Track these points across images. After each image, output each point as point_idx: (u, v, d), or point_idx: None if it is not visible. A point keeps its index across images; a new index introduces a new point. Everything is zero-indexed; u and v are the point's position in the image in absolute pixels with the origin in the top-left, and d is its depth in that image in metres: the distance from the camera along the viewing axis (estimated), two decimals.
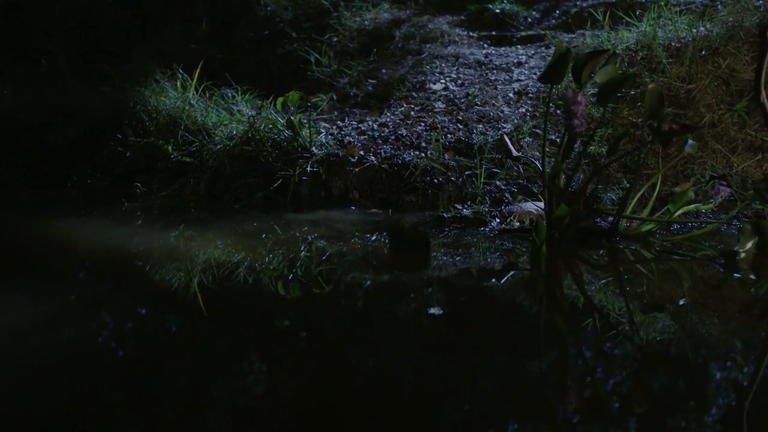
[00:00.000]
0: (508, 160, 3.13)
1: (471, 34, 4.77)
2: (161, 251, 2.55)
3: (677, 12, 3.81)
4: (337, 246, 2.57)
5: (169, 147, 3.56)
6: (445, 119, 3.58)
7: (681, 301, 2.04)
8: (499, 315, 1.99)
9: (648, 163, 3.05)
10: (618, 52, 3.57)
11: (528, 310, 2.05)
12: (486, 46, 4.60)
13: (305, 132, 3.41)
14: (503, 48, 4.52)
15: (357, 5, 5.08)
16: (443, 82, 4.02)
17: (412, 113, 3.72)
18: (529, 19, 4.91)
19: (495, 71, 4.09)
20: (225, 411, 1.39)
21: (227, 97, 3.95)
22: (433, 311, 1.91)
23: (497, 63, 4.20)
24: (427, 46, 4.56)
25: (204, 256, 2.46)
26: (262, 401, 1.44)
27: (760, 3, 3.67)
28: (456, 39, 4.65)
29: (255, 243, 2.63)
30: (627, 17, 3.95)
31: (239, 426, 1.34)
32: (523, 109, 3.59)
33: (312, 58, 4.62)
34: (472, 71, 4.14)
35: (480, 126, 3.46)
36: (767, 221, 2.37)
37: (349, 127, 3.66)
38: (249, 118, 3.56)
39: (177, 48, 5.09)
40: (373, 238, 2.66)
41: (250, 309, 2.00)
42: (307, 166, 3.29)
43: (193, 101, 3.78)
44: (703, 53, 3.47)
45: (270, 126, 3.48)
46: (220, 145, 3.49)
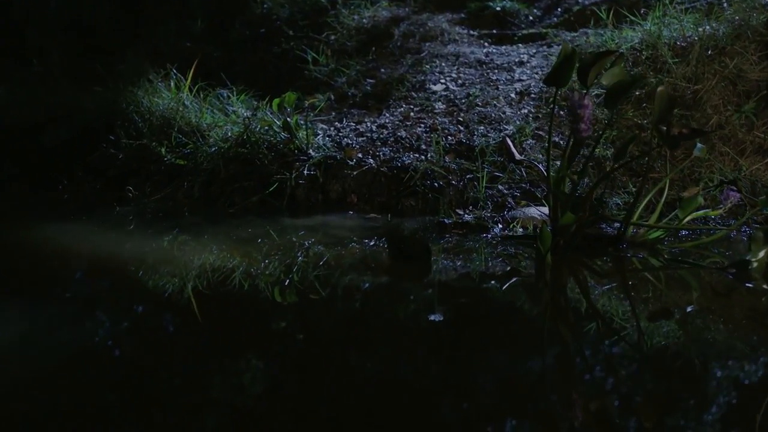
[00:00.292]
0: (510, 163, 3.04)
1: (471, 32, 4.68)
2: (154, 259, 2.46)
3: (682, 10, 3.72)
4: (335, 252, 2.49)
5: (163, 149, 3.47)
6: (446, 120, 3.50)
7: (692, 314, 1.96)
8: (506, 329, 1.91)
9: (654, 167, 2.97)
10: (622, 51, 3.49)
11: (536, 323, 1.96)
12: (487, 44, 4.51)
13: (302, 134, 3.33)
14: (504, 46, 4.43)
15: (355, 3, 4.99)
16: (443, 81, 3.93)
17: (411, 114, 3.63)
18: (531, 17, 4.83)
19: (496, 71, 4.00)
20: (221, 423, 1.34)
21: (222, 98, 3.86)
22: (434, 318, 1.84)
23: (498, 62, 4.11)
24: (427, 44, 4.47)
25: (198, 263, 2.38)
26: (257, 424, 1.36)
27: (766, 1, 3.58)
28: (456, 37, 4.56)
29: (250, 248, 2.55)
30: (631, 15, 3.86)
31: None
32: (526, 110, 3.50)
33: (309, 57, 4.53)
34: (472, 70, 4.05)
35: (481, 127, 3.37)
36: None
37: (347, 129, 3.57)
38: (244, 119, 3.47)
39: (172, 46, 5.00)
40: (372, 243, 2.58)
41: (241, 334, 1.92)
42: (304, 169, 3.20)
43: (187, 102, 3.69)
44: (710, 53, 3.38)
45: (266, 127, 3.39)
46: (214, 147, 3.40)
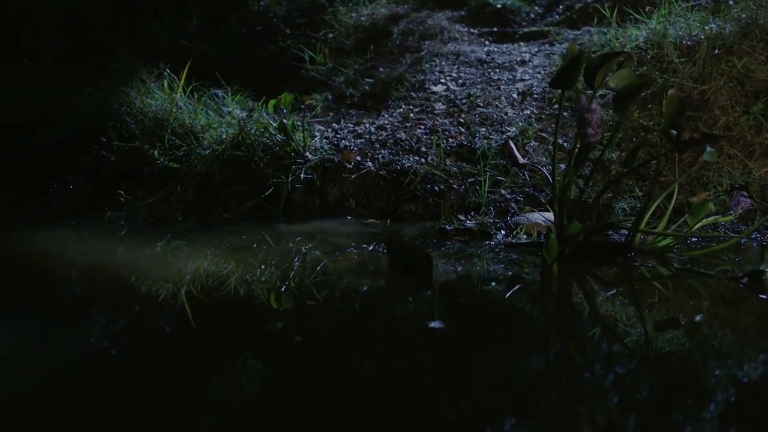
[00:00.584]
0: (513, 167, 2.95)
1: (472, 30, 4.59)
2: (146, 266, 2.38)
3: (688, 8, 3.63)
4: (332, 258, 2.41)
5: (155, 151, 3.37)
6: (446, 122, 3.40)
7: (705, 326, 1.88)
8: (514, 347, 1.82)
9: (662, 170, 2.88)
10: (627, 50, 3.40)
11: (546, 338, 1.88)
12: (488, 43, 4.42)
13: (299, 136, 3.23)
14: (505, 45, 4.34)
15: (353, 0, 4.89)
16: (443, 81, 3.84)
17: (411, 115, 3.54)
18: (532, 15, 4.73)
19: (497, 70, 3.91)
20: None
21: (217, 98, 3.76)
22: (437, 329, 1.75)
23: (500, 61, 4.02)
24: (427, 43, 4.37)
25: (189, 275, 2.29)
26: None
27: None
28: (456, 36, 4.47)
29: (246, 254, 2.47)
30: (635, 13, 3.77)
31: None
32: (528, 111, 3.41)
33: (306, 55, 4.43)
34: (473, 70, 3.96)
35: (483, 129, 3.28)
36: None
37: (345, 130, 3.48)
38: (239, 120, 3.37)
39: (167, 45, 4.90)
40: (371, 248, 2.50)
41: (235, 347, 1.83)
42: (301, 172, 3.11)
43: (181, 103, 3.59)
44: (717, 52, 3.30)
45: (261, 129, 3.29)
46: (208, 150, 3.30)
